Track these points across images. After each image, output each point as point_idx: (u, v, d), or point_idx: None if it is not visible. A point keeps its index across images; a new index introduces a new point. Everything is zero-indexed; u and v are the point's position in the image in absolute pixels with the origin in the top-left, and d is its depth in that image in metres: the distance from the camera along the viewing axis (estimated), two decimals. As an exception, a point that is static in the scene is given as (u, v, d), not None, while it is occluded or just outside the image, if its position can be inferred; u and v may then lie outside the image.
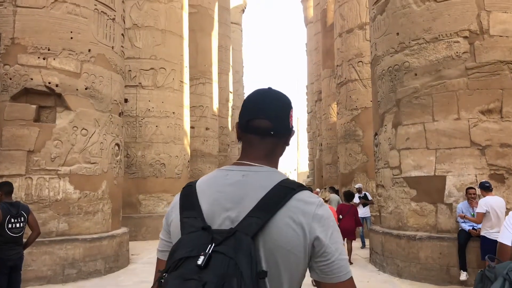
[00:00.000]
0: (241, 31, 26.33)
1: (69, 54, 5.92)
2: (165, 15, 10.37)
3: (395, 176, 5.99)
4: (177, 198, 0.88)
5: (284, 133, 0.89)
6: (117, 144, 6.76)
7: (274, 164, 0.90)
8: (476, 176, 5.28)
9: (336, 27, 10.85)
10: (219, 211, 0.80)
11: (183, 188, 0.89)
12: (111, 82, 6.54)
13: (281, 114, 0.88)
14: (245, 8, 26.89)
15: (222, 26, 18.24)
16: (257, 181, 0.82)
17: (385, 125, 6.18)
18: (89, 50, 6.14)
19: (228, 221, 0.78)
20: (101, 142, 6.29)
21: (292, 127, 0.91)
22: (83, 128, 6.04)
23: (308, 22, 25.68)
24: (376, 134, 6.59)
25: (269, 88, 0.91)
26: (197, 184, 0.87)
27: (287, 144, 0.92)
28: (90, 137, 6.13)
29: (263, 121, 0.86)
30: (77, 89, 6.01)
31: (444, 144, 5.47)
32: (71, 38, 5.94)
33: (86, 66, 6.10)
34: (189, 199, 0.84)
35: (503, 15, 5.27)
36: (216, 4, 15.64)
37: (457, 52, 5.35)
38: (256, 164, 0.86)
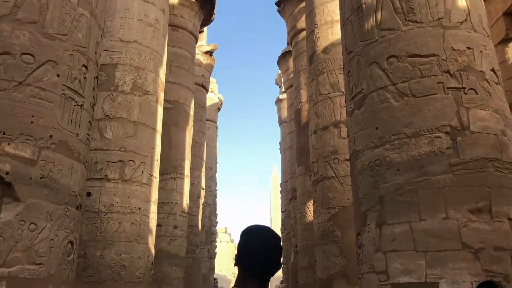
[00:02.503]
0: (216, 128, 26.72)
1: (27, 139, 5.42)
2: (139, 107, 10.21)
3: (382, 283, 5.38)
4: None
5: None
6: (71, 242, 5.97)
7: None
8: (472, 284, 4.75)
9: (311, 124, 10.91)
10: None
11: None
12: (71, 172, 5.98)
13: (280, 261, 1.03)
14: (221, 106, 27.65)
15: (197, 122, 18.36)
16: None
17: (368, 224, 5.74)
18: (50, 136, 5.67)
19: None
20: (52, 239, 5.52)
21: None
22: (32, 223, 5.32)
23: (281, 122, 26.40)
24: (358, 234, 6.10)
25: (270, 230, 1.18)
26: None
27: None
28: (39, 233, 5.38)
29: (273, 270, 1.15)
30: (31, 178, 5.40)
31: (434, 246, 5.01)
32: (32, 122, 5.50)
33: (44, 153, 5.58)
34: None
35: (482, 112, 5.23)
36: (193, 101, 15.85)
37: (440, 148, 5.17)
38: None
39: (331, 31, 10.52)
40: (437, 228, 5.02)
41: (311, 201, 11.61)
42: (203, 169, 20.25)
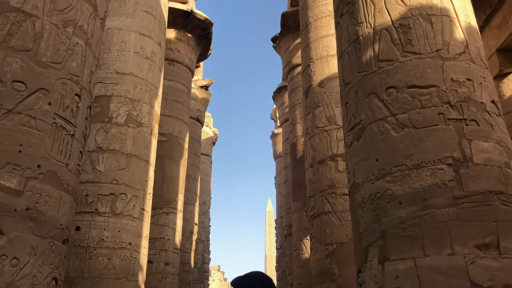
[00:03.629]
0: (211, 162, 26.50)
1: (14, 169, 5.20)
2: (132, 140, 10.03)
3: (386, 323, 5.06)
4: None
5: None
6: (55, 279, 5.62)
7: None
8: (482, 325, 4.45)
9: (307, 158, 10.75)
10: None
11: None
12: (59, 203, 5.72)
13: None
14: (215, 140, 27.56)
15: (192, 156, 18.17)
16: None
17: (370, 260, 5.47)
18: (39, 166, 5.45)
19: None
20: (34, 276, 5.19)
21: None
22: (14, 257, 5.01)
23: (277, 157, 26.27)
24: (359, 271, 5.81)
25: (260, 278, 1.11)
26: None
27: None
28: (21, 269, 5.06)
29: None
30: (15, 210, 5.14)
31: (440, 284, 4.74)
32: (20, 151, 5.30)
33: (31, 184, 5.34)
34: None
35: (484, 144, 5.11)
36: (187, 134, 15.72)
37: (442, 180, 5.00)
38: None
39: (326, 65, 10.58)
40: (443, 264, 4.77)
41: (308, 238, 11.29)
42: (197, 204, 19.87)
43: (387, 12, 5.77)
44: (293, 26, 15.65)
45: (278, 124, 25.08)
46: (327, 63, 10.57)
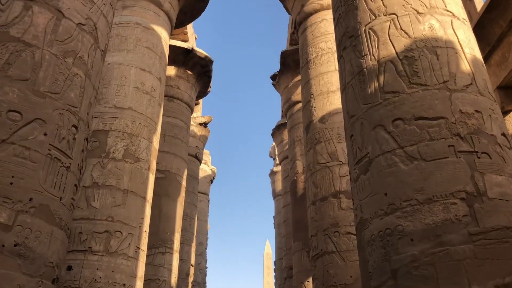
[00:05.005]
0: (208, 201, 26.04)
1: (4, 201, 4.93)
2: (129, 175, 9.77)
3: None
4: None
5: None
6: (42, 321, 5.21)
7: None
8: None
9: (309, 195, 10.47)
10: None
11: None
12: (50, 239, 5.40)
13: None
14: (213, 178, 27.22)
15: (189, 194, 17.83)
16: None
17: (381, 302, 5.11)
18: (30, 199, 5.18)
19: None
20: (19, 318, 4.79)
21: None
22: (-1, 297, 4.64)
23: (276, 195, 25.87)
24: (369, 314, 5.42)
25: None
26: None
27: None
28: (5, 311, 4.67)
29: None
30: (3, 245, 4.82)
31: (459, 328, 4.38)
32: (11, 183, 5.05)
33: (22, 218, 5.05)
34: None
35: (498, 178, 4.90)
36: (185, 171, 15.47)
37: (456, 215, 4.75)
38: None
39: (327, 101, 10.54)
40: (461, 307, 4.44)
41: (310, 279, 10.83)
42: (193, 244, 19.29)
43: (391, 44, 5.72)
44: (292, 64, 15.81)
45: (277, 162, 24.90)
46: (328, 99, 10.53)
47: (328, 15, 11.46)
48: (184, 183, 15.52)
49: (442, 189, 4.92)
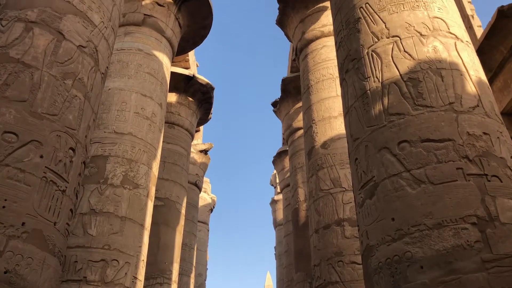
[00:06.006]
0: (208, 230, 25.57)
1: (-5, 226, 4.72)
2: (128, 202, 9.55)
3: None
4: None
5: None
6: None
7: None
8: None
9: (311, 223, 10.21)
10: None
11: None
12: (42, 267, 5.16)
13: None
14: (213, 207, 26.83)
15: (188, 223, 17.48)
16: None
17: (390, 334, 4.81)
18: (23, 224, 4.99)
19: None
20: None
21: None
22: (-15, 329, 4.37)
23: (277, 225, 25.42)
24: None
25: None
26: None
27: None
28: None
29: None
30: (-8, 273, 4.59)
31: None
32: (3, 207, 4.87)
33: (13, 243, 4.84)
34: None
35: (510, 202, 4.72)
36: (185, 199, 15.22)
37: (468, 241, 4.53)
38: None
39: (329, 126, 10.44)
40: None
41: (313, 311, 10.40)
42: (192, 275, 18.76)
43: (394, 66, 5.66)
44: (293, 91, 15.84)
45: (278, 190, 24.61)
46: (330, 124, 10.44)
47: (329, 41, 11.53)
48: (183, 211, 15.23)
49: (452, 213, 4.72)
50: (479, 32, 11.21)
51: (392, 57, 5.73)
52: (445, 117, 5.16)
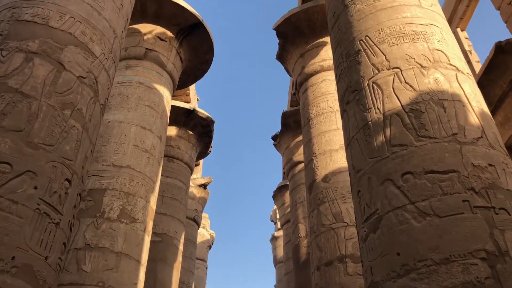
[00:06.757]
0: (206, 268, 24.91)
1: (-17, 260, 4.52)
2: (124, 236, 9.30)
3: None
4: None
5: None
6: None
7: None
8: None
9: (313, 259, 9.90)
10: None
11: None
12: (30, 305, 4.90)
13: None
14: (212, 243, 26.26)
15: (186, 259, 17.03)
16: None
17: None
18: (13, 258, 4.78)
19: None
20: None
21: None
22: None
23: (277, 262, 24.80)
24: None
25: None
26: None
27: None
28: None
29: None
30: (-23, 310, 4.35)
31: None
32: (-7, 240, 4.66)
33: (1, 278, 4.63)
34: None
35: (519, 236, 4.53)
36: (183, 235, 14.89)
37: (477, 277, 4.32)
38: None
39: (330, 159, 10.33)
40: None
41: None
42: (190, 315, 18.10)
43: (396, 97, 5.62)
44: (293, 125, 15.85)
45: (279, 226, 24.17)
46: (331, 157, 10.34)
47: (329, 75, 11.63)
48: (181, 247, 14.87)
49: (460, 248, 4.53)
50: (478, 67, 11.32)
51: (393, 88, 5.70)
52: (449, 148, 5.06)
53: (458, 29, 12.72)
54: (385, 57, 5.92)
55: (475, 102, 5.56)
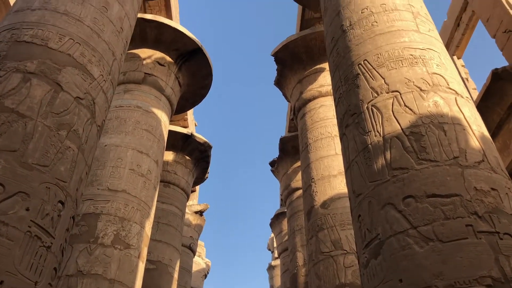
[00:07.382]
0: (202, 297, 24.28)
1: (-31, 284, 4.34)
2: (118, 263, 9.05)
3: None
4: None
5: None
6: None
7: None
8: None
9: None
10: None
11: None
12: (17, 332, 4.67)
13: None
14: (207, 272, 25.69)
15: (180, 290, 16.57)
16: None
17: None
18: (1, 282, 4.59)
19: None
20: None
21: None
22: None
23: (274, 292, 24.21)
24: None
25: None
26: None
27: None
28: None
29: None
30: (-40, 338, 4.13)
31: None
32: (-20, 263, 4.48)
33: (-13, 304, 4.41)
34: None
35: (525, 263, 4.39)
36: (178, 263, 14.54)
37: (484, 305, 4.15)
38: None
39: (329, 185, 10.21)
40: None
41: None
42: None
43: (395, 120, 5.58)
44: (291, 151, 15.79)
45: (276, 255, 23.73)
46: (330, 183, 10.22)
47: (327, 101, 11.66)
48: (176, 276, 14.50)
49: (464, 274, 4.38)
50: (475, 94, 11.38)
51: (392, 111, 5.67)
52: (450, 171, 4.99)
53: (455, 57, 12.88)
54: (384, 81, 5.92)
55: (475, 126, 5.52)
